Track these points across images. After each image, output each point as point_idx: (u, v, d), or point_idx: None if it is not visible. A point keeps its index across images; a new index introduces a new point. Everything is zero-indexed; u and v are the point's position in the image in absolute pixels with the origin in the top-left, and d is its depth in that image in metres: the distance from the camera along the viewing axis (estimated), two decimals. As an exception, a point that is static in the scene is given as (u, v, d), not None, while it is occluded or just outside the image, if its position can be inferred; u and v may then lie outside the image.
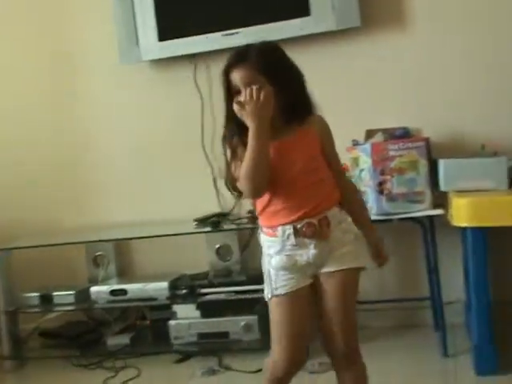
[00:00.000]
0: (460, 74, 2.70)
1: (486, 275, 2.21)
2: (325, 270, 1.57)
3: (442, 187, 2.38)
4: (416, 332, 2.64)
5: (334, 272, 1.56)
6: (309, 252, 1.56)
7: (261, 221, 1.65)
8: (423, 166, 2.42)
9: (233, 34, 2.82)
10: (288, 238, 1.56)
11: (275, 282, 1.59)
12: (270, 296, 1.60)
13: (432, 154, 2.47)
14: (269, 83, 1.52)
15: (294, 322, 1.58)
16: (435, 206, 2.42)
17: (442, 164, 2.38)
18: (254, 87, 1.50)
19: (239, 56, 1.55)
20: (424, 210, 2.42)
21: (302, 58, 2.77)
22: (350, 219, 1.62)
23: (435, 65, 2.72)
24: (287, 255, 1.57)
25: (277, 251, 1.59)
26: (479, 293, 2.19)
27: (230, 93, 1.55)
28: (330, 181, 1.61)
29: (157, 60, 2.96)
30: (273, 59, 1.56)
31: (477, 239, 2.18)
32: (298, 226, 1.55)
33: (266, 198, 1.58)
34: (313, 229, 1.55)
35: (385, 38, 2.75)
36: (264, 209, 1.60)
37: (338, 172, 1.64)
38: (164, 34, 2.88)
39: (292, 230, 1.55)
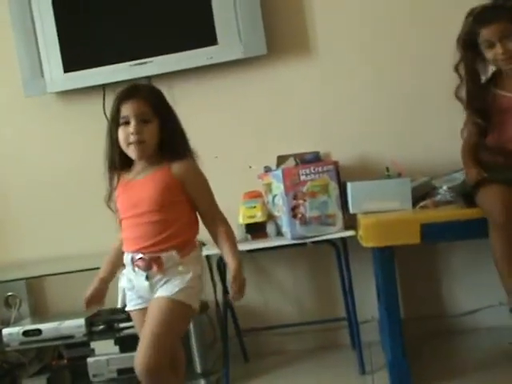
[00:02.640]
0: (365, 100, 2.79)
1: (396, 292, 2.28)
2: (154, 296, 1.76)
3: (351, 209, 2.45)
4: (334, 352, 2.68)
5: (157, 297, 1.74)
6: (142, 282, 1.76)
7: None
8: (334, 189, 2.49)
9: (142, 63, 2.82)
10: (128, 265, 1.79)
11: (128, 300, 1.84)
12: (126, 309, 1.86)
13: (341, 177, 2.54)
14: (155, 117, 1.74)
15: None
16: (347, 227, 2.49)
17: (349, 187, 2.44)
18: None
19: (132, 90, 1.77)
20: (336, 232, 2.48)
21: (211, 86, 2.87)
22: (192, 265, 1.75)
23: (340, 91, 2.81)
24: (129, 279, 1.80)
25: (126, 272, 1.82)
26: (390, 310, 2.25)
27: (118, 123, 1.75)
28: (178, 223, 1.75)
29: (63, 92, 2.90)
30: (160, 98, 1.81)
31: (385, 258, 2.25)
32: (136, 257, 1.75)
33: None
34: (144, 263, 1.74)
35: (291, 64, 2.81)
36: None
37: (206, 216, 1.80)
38: (70, 66, 2.82)
39: (130, 260, 1.77)
